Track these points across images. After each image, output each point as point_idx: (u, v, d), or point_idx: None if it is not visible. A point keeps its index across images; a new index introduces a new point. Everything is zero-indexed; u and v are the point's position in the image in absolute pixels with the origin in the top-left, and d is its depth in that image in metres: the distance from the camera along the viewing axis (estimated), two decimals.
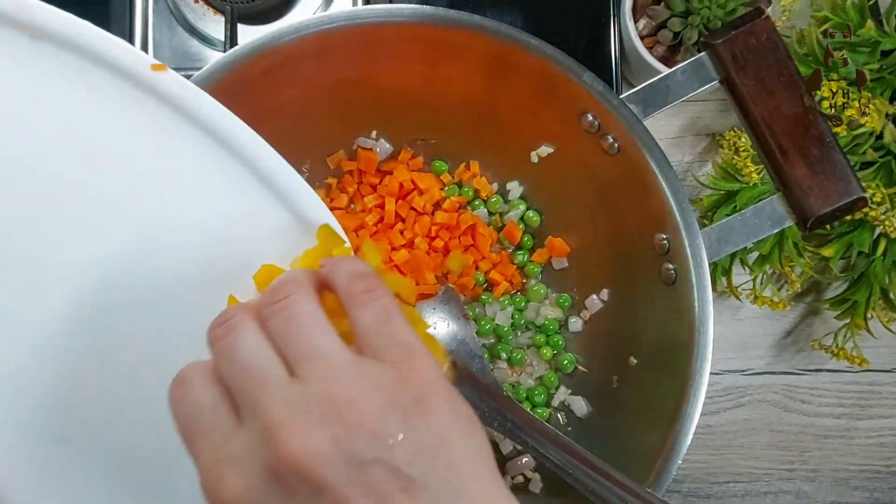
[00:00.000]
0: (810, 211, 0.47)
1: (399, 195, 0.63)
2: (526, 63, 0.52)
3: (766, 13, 0.49)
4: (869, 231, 0.66)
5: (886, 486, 0.75)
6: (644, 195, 0.51)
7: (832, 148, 0.47)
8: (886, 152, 0.65)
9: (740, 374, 0.76)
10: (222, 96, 0.51)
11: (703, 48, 0.50)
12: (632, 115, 0.50)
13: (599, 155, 0.54)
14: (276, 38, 0.50)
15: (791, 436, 0.75)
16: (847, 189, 0.47)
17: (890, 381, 0.76)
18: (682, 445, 0.47)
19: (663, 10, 0.67)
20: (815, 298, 0.76)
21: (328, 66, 0.55)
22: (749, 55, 0.48)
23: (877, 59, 0.64)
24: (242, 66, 0.51)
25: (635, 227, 0.55)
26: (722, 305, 0.76)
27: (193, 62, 0.69)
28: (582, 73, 0.51)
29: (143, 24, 0.69)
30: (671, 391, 0.49)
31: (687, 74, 0.50)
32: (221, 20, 0.68)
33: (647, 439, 0.51)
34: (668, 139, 0.76)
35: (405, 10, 0.51)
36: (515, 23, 0.71)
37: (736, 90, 0.48)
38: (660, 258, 0.52)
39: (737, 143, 0.68)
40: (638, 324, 0.57)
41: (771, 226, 0.49)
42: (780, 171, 0.48)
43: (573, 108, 0.53)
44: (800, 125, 0.47)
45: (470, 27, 0.51)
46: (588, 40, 0.70)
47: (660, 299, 0.53)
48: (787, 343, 0.76)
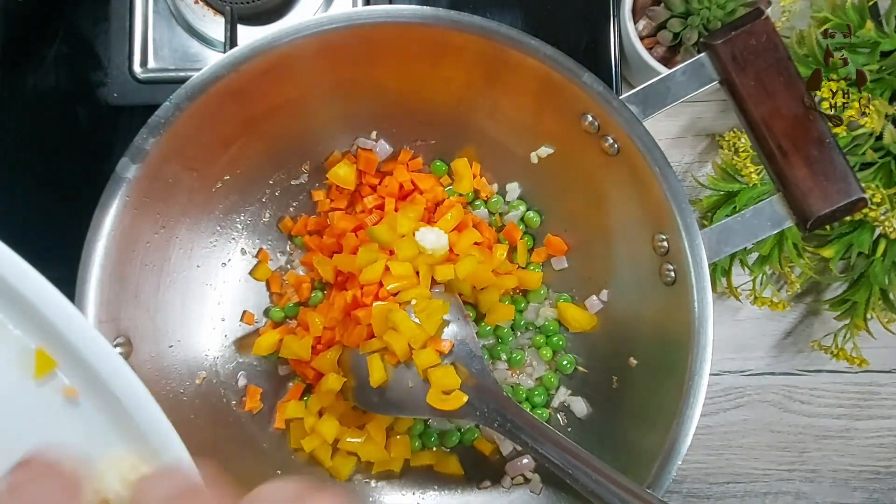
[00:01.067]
0: (810, 212, 0.47)
1: (399, 196, 0.63)
2: (526, 64, 0.52)
3: (766, 14, 0.48)
4: (869, 232, 0.66)
5: (886, 486, 0.75)
6: (644, 196, 0.51)
7: (832, 149, 0.47)
8: (886, 153, 0.65)
9: (740, 374, 0.76)
10: (222, 97, 0.51)
11: (702, 49, 0.50)
12: (632, 116, 0.50)
13: (599, 156, 0.54)
14: (276, 38, 0.51)
15: (791, 436, 0.75)
16: (847, 190, 0.47)
17: (889, 381, 0.76)
18: (681, 446, 0.47)
19: (663, 10, 0.67)
20: (815, 299, 0.76)
21: (328, 67, 0.55)
22: (749, 56, 0.48)
23: (877, 59, 0.64)
24: (242, 66, 0.51)
25: (635, 227, 0.55)
26: (722, 306, 0.76)
27: (193, 63, 0.69)
28: (582, 73, 0.51)
29: (143, 24, 0.69)
30: (671, 392, 0.49)
31: (687, 75, 0.50)
32: (221, 21, 0.68)
33: (646, 440, 0.51)
34: (667, 139, 0.76)
35: (405, 10, 0.51)
36: (515, 23, 0.71)
37: (736, 91, 0.48)
38: (660, 259, 0.52)
39: (736, 143, 0.68)
40: (638, 325, 0.57)
41: (771, 227, 0.49)
42: (779, 172, 0.47)
43: (573, 109, 0.53)
44: (800, 126, 0.47)
45: (469, 28, 0.51)
46: (588, 41, 0.70)
47: (659, 300, 0.53)
48: (787, 344, 0.76)
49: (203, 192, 0.57)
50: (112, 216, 0.49)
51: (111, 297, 0.49)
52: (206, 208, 0.58)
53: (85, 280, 0.48)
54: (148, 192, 0.51)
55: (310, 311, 0.61)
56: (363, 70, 0.56)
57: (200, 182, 0.56)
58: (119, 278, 0.50)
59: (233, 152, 0.57)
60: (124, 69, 0.68)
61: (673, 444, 0.47)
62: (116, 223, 0.49)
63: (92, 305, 0.48)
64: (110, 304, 0.49)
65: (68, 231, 0.48)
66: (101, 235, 0.49)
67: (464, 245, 0.59)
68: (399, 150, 0.64)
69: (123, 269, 0.50)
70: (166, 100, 0.50)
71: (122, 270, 0.50)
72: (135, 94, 0.68)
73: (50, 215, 0.68)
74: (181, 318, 0.57)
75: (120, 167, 0.49)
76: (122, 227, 0.50)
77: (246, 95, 0.53)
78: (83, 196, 0.49)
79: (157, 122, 0.50)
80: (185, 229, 0.56)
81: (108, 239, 0.49)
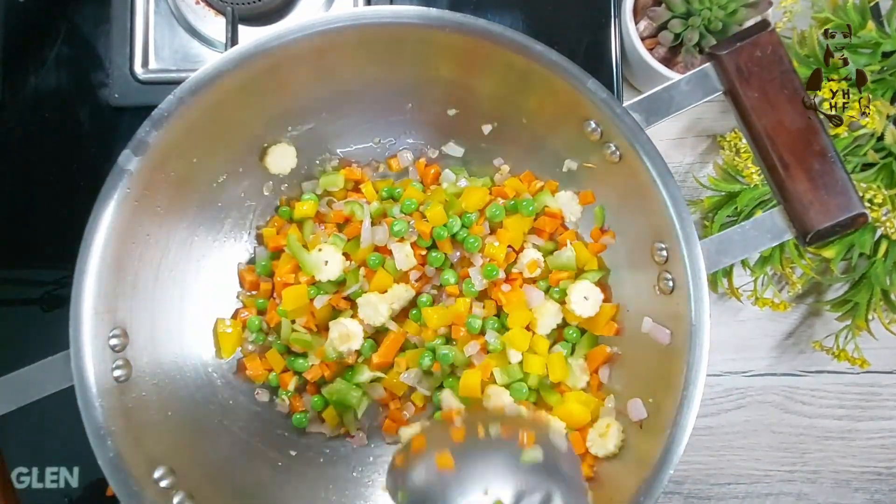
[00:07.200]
0: (810, 225, 0.47)
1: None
2: (529, 69, 0.52)
3: (772, 26, 0.48)
4: (870, 233, 0.66)
5: (887, 487, 0.75)
6: (644, 204, 0.51)
7: (834, 163, 0.47)
8: (887, 154, 0.65)
9: (741, 375, 0.76)
10: (226, 92, 0.51)
11: (707, 59, 0.50)
12: (635, 125, 0.49)
13: (601, 162, 0.54)
14: (281, 35, 0.50)
15: (792, 437, 0.75)
16: (847, 204, 0.47)
17: (891, 382, 0.76)
18: (674, 456, 0.47)
19: (664, 11, 0.67)
20: (817, 300, 0.76)
21: (328, 67, 0.55)
22: (754, 67, 0.48)
23: (878, 60, 0.64)
24: (246, 63, 0.51)
25: (634, 235, 0.55)
26: (723, 307, 0.76)
27: (194, 64, 0.69)
28: (586, 80, 0.50)
29: (143, 25, 0.69)
30: (665, 400, 0.49)
31: (691, 85, 0.49)
32: (222, 22, 0.68)
33: (640, 446, 0.51)
34: (668, 140, 0.76)
35: (410, 11, 0.51)
36: (517, 24, 0.71)
37: (739, 102, 0.48)
38: (658, 267, 0.51)
39: (737, 144, 0.68)
40: (633, 331, 0.57)
41: (770, 239, 0.48)
42: (781, 185, 0.47)
43: (576, 115, 0.53)
44: (802, 139, 0.47)
45: (472, 31, 0.51)
46: (589, 42, 0.70)
47: (657, 308, 0.52)
48: (788, 344, 0.76)
49: (205, 186, 0.57)
50: (112, 208, 0.49)
51: (109, 289, 0.49)
52: (208, 202, 0.58)
53: (83, 271, 0.48)
54: (149, 185, 0.51)
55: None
56: (363, 71, 0.56)
57: (202, 176, 0.56)
58: (117, 270, 0.50)
59: (235, 147, 0.57)
60: (125, 70, 0.68)
61: (665, 453, 0.47)
62: (116, 215, 0.49)
63: (89, 296, 0.48)
64: (108, 296, 0.49)
65: (69, 231, 0.48)
66: (100, 226, 0.49)
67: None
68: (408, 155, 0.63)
69: (122, 261, 0.50)
70: (170, 93, 0.50)
71: (120, 262, 0.50)
72: (136, 95, 0.68)
73: (51, 215, 0.68)
74: (179, 311, 0.56)
75: (122, 159, 0.49)
76: (123, 219, 0.49)
77: (246, 95, 0.53)
78: (84, 196, 0.49)
79: (161, 115, 0.50)
80: (185, 223, 0.56)
81: (108, 230, 0.49)
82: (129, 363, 0.50)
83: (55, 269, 0.68)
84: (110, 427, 0.47)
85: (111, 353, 0.49)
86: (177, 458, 0.50)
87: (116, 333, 0.50)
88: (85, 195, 0.49)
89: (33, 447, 0.65)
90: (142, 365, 0.51)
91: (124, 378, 0.49)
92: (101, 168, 0.50)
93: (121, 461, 0.47)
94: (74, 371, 0.47)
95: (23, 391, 0.47)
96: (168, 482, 0.49)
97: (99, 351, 0.48)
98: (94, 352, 0.48)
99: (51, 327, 0.66)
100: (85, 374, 0.47)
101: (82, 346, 0.47)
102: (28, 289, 0.68)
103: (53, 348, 0.48)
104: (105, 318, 0.49)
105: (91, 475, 0.65)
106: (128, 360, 0.50)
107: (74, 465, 0.65)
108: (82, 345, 0.47)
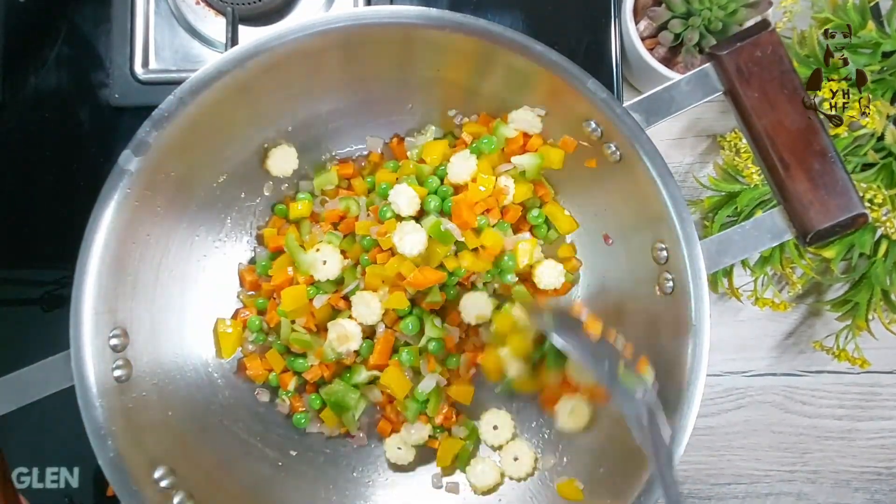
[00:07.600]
0: (810, 225, 0.47)
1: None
2: (530, 69, 0.52)
3: (773, 26, 0.48)
4: (870, 233, 0.66)
5: (887, 487, 0.75)
6: (644, 204, 0.51)
7: (834, 163, 0.47)
8: (887, 154, 0.65)
9: (741, 375, 0.76)
10: (226, 92, 0.51)
11: (707, 59, 0.50)
12: (635, 125, 0.49)
13: (601, 162, 0.54)
14: (282, 35, 0.50)
15: (792, 437, 0.75)
16: (848, 205, 0.47)
17: (891, 382, 0.76)
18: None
19: (664, 11, 0.67)
20: (817, 300, 0.76)
21: (328, 67, 0.55)
22: (754, 68, 0.48)
23: (878, 60, 0.64)
24: (247, 62, 0.51)
25: (635, 235, 0.55)
26: (723, 307, 0.76)
27: (194, 64, 0.69)
28: (586, 80, 0.50)
29: (144, 25, 0.69)
30: (665, 401, 0.49)
31: (691, 85, 0.49)
32: (223, 22, 0.68)
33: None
34: (668, 140, 0.76)
35: (410, 11, 0.51)
36: (517, 24, 0.71)
37: (740, 102, 0.48)
38: (658, 267, 0.51)
39: (737, 144, 0.68)
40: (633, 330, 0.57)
41: (770, 239, 0.49)
42: (781, 185, 0.47)
43: (576, 115, 0.53)
44: (802, 139, 0.47)
45: (473, 31, 0.51)
46: (589, 42, 0.70)
47: (657, 308, 0.52)
48: (789, 344, 0.76)
49: (205, 186, 0.57)
50: (113, 208, 0.49)
51: (109, 289, 0.49)
52: (208, 202, 0.58)
53: (83, 270, 0.48)
54: (149, 185, 0.51)
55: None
56: (363, 71, 0.56)
57: (203, 176, 0.56)
58: (118, 270, 0.50)
59: (236, 147, 0.57)
60: (126, 70, 0.68)
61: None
62: (117, 215, 0.49)
63: (90, 296, 0.48)
64: (108, 296, 0.49)
65: (69, 231, 0.48)
66: (101, 226, 0.49)
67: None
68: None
69: (122, 261, 0.50)
70: (170, 93, 0.50)
71: (121, 262, 0.50)
72: (136, 95, 0.68)
73: (51, 215, 0.68)
74: (179, 311, 0.57)
75: (122, 159, 0.49)
76: (123, 219, 0.49)
77: (247, 95, 0.53)
78: (84, 196, 0.49)
79: (161, 115, 0.50)
80: (186, 223, 0.56)
81: (108, 230, 0.49)
82: (129, 363, 0.50)
83: (55, 269, 0.68)
84: (110, 427, 0.47)
85: (111, 353, 0.49)
86: (177, 458, 0.51)
87: (117, 333, 0.50)
88: (85, 195, 0.49)
89: (33, 447, 0.65)
90: (142, 365, 0.51)
91: (124, 378, 0.49)
92: (101, 168, 0.50)
93: (121, 461, 0.47)
94: (75, 371, 0.47)
95: (23, 391, 0.47)
96: (168, 482, 0.49)
97: (99, 351, 0.48)
98: (94, 352, 0.48)
99: (51, 327, 0.66)
100: (85, 374, 0.47)
101: (82, 346, 0.47)
102: (28, 289, 0.68)
103: (53, 348, 0.48)
104: (105, 318, 0.49)
105: (91, 475, 0.66)
106: (128, 360, 0.50)
107: (74, 465, 0.65)
108: (82, 345, 0.47)
